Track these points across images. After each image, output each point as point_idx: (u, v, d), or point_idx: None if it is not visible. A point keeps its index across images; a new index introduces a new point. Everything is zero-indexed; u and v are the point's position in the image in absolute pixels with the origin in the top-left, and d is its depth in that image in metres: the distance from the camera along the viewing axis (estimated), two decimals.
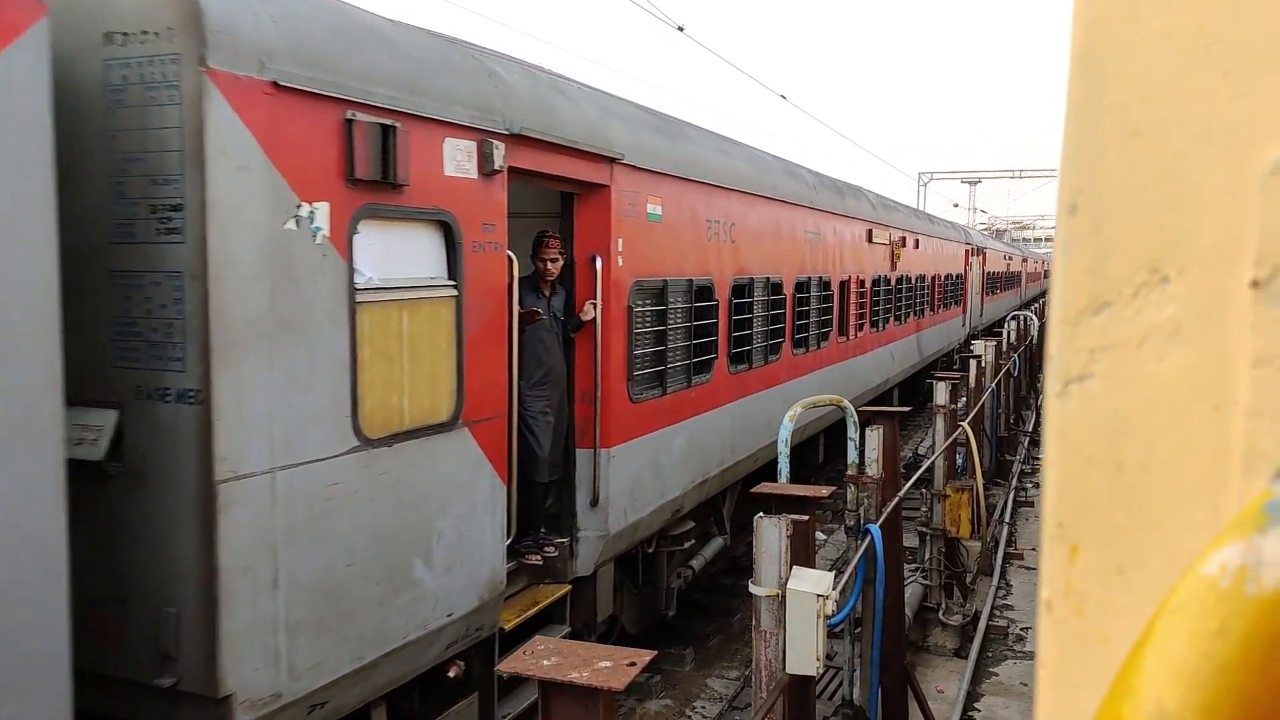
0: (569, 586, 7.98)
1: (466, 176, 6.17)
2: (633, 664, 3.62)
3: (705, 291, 10.18)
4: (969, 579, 12.07)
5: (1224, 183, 0.69)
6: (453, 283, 6.08)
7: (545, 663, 3.60)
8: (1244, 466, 0.66)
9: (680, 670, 10.52)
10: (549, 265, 7.70)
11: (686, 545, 10.38)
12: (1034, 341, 26.24)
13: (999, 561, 13.62)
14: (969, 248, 32.78)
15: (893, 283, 19.99)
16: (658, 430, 9.08)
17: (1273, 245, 0.64)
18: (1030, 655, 10.86)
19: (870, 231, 17.72)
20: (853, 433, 8.55)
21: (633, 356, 8.51)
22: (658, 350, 9.12)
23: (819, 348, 14.75)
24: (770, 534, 5.52)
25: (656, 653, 4.06)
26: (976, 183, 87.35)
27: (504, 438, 6.75)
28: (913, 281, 22.40)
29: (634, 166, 8.43)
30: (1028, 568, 13.86)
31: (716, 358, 10.47)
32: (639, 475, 8.72)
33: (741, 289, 11.27)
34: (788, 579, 5.50)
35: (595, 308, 7.98)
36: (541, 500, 7.82)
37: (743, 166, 11.66)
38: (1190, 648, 0.52)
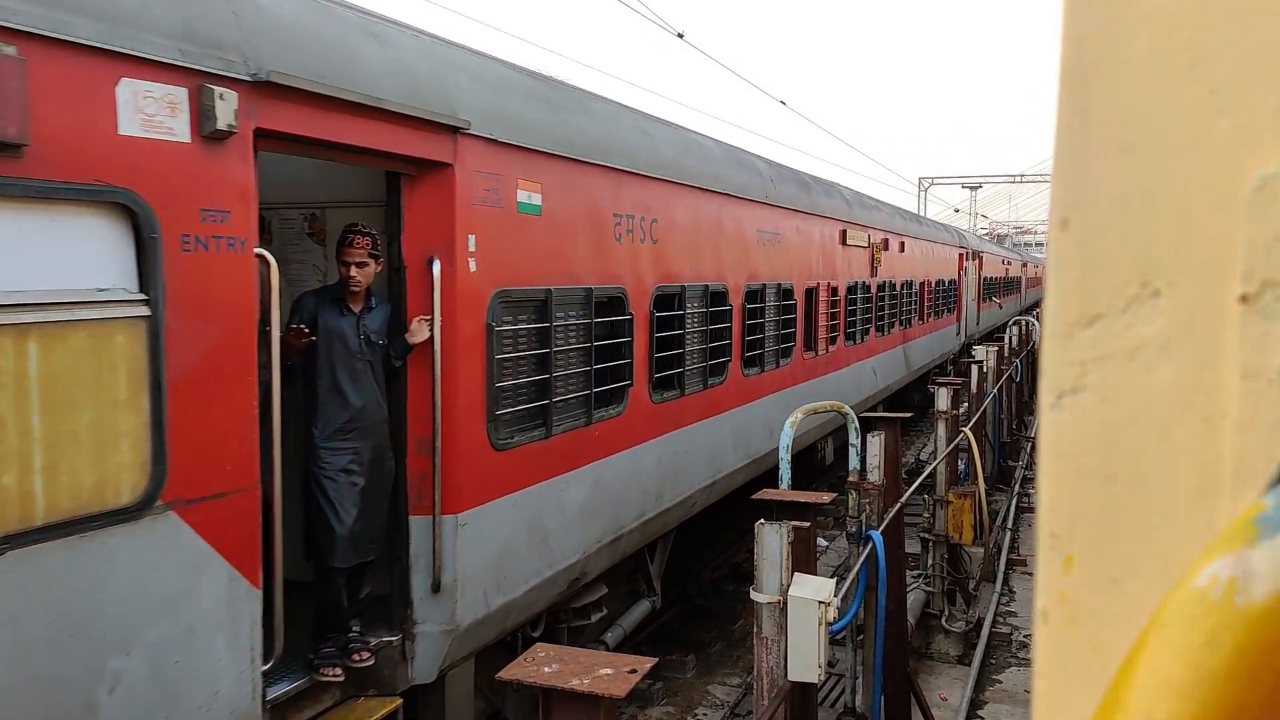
0: (399, 701, 5.93)
1: (166, 139, 4.25)
2: (634, 671, 3.63)
3: (614, 304, 8.28)
4: (972, 585, 12.07)
5: (1212, 198, 0.69)
6: (143, 297, 4.17)
7: (546, 669, 3.60)
8: (1234, 479, 0.67)
9: (681, 677, 10.51)
10: (354, 271, 5.80)
11: (596, 618, 8.47)
12: (1036, 346, 26.25)
13: (1002, 568, 13.62)
14: (963, 251, 31.09)
15: (873, 290, 18.27)
16: (540, 483, 7.14)
17: (1259, 261, 0.65)
18: None
19: (844, 232, 16.08)
20: (854, 438, 8.56)
21: (495, 390, 6.53)
22: (537, 380, 7.16)
23: (778, 366, 12.84)
24: (771, 540, 5.52)
25: (658, 659, 4.06)
26: (977, 188, 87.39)
27: (253, 519, 4.80)
28: (898, 288, 20.59)
29: (494, 140, 6.48)
30: (1030, 574, 13.83)
31: (633, 384, 8.51)
32: (509, 544, 6.79)
33: (669, 300, 9.38)
34: (789, 585, 5.51)
35: (429, 326, 6.02)
36: (349, 591, 5.90)
37: (669, 150, 9.65)
38: (1180, 660, 0.53)
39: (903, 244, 20.93)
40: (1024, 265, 58.95)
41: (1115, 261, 0.73)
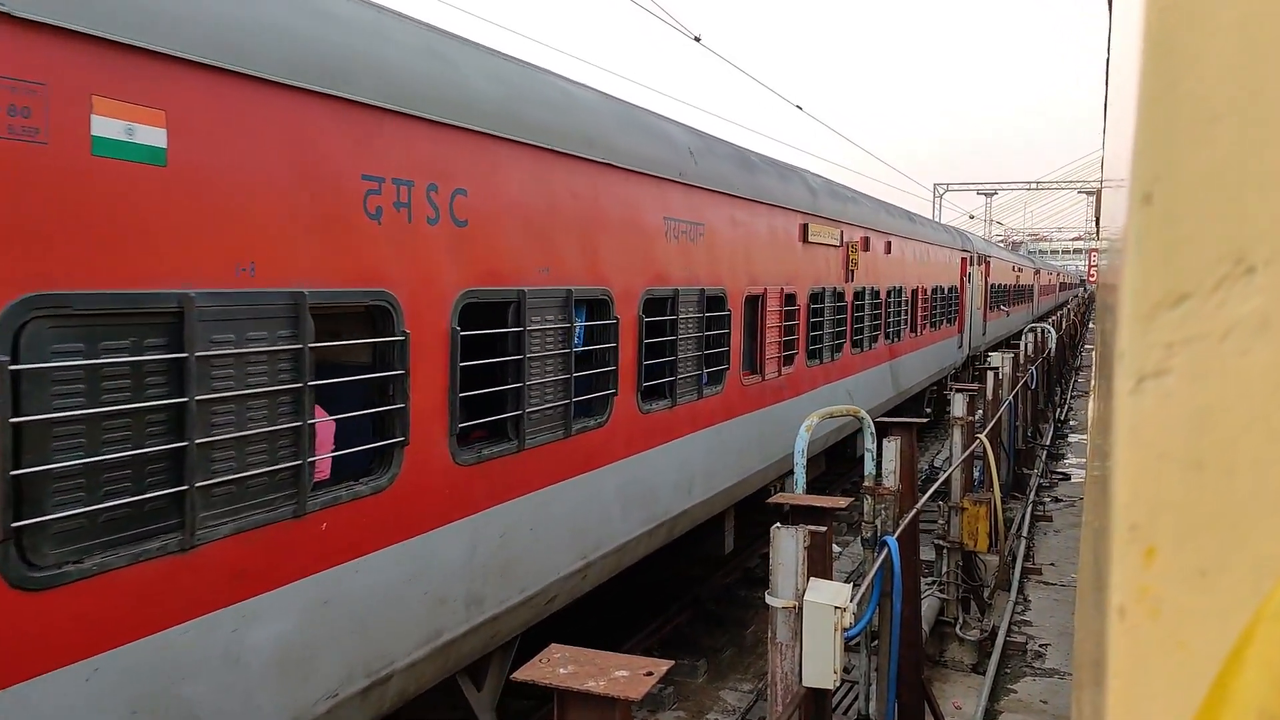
0: None
1: None
2: (650, 674, 3.59)
3: (366, 318, 5.76)
4: (986, 594, 11.99)
5: None
6: None
7: (561, 671, 3.57)
8: None
9: (693, 682, 10.47)
10: None
11: None
12: (1051, 354, 26.12)
13: (1016, 576, 13.53)
14: (967, 255, 28.34)
15: (848, 298, 15.64)
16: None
17: None
18: (1050, 673, 10.78)
19: (806, 227, 13.33)
20: (869, 444, 8.50)
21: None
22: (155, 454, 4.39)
23: (702, 397, 10.06)
24: (787, 545, 5.47)
25: (674, 663, 4.03)
26: (993, 194, 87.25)
27: None
28: (882, 296, 17.98)
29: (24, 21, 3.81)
30: (1046, 583, 13.75)
31: (406, 441, 5.85)
32: None
33: (485, 311, 6.68)
34: (805, 590, 5.46)
35: None
36: None
37: (491, 89, 6.71)
38: None
39: (889, 244, 18.42)
40: (1036, 273, 57.31)
41: (1205, 238, 0.69)
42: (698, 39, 19.81)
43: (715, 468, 10.52)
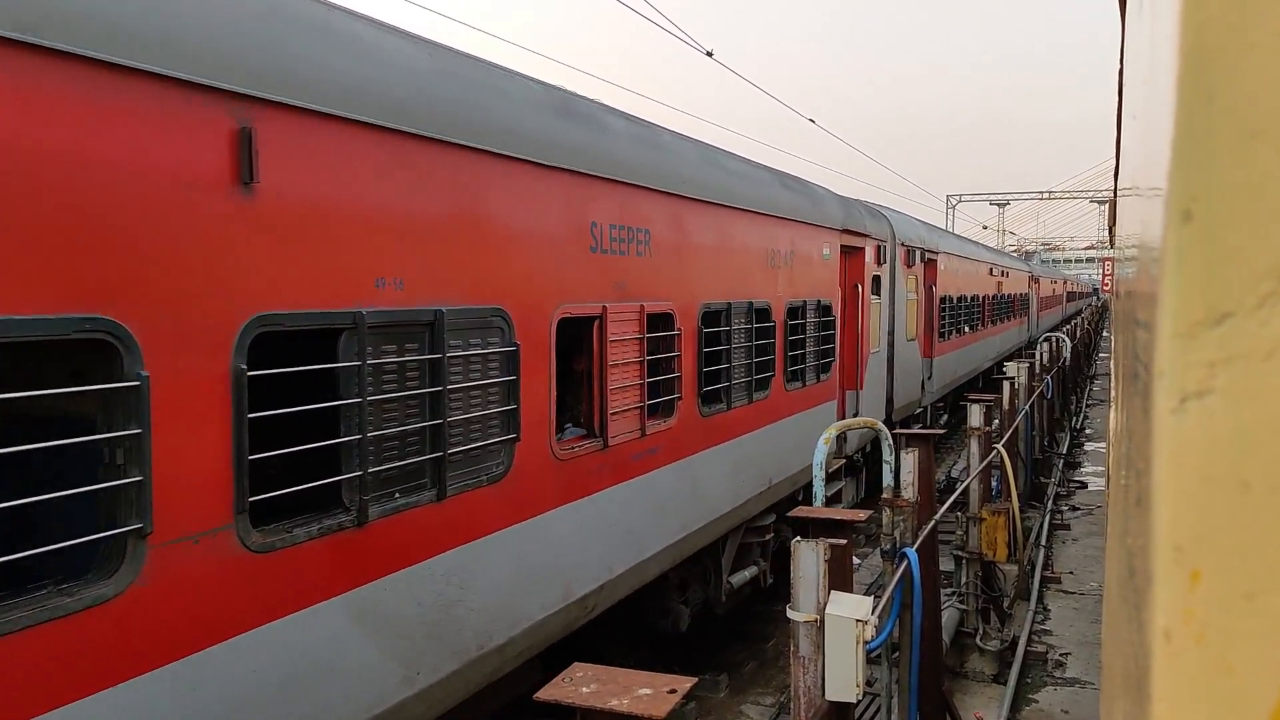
0: None
1: None
2: (673, 691, 3.58)
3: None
4: (1006, 604, 11.92)
5: None
6: None
7: (585, 689, 3.56)
8: None
9: (715, 697, 10.43)
10: None
11: None
12: (1066, 363, 26.02)
13: (1036, 585, 13.46)
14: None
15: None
16: None
17: None
18: (1071, 682, 10.70)
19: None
20: (888, 456, 8.48)
21: None
22: None
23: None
24: (808, 558, 5.45)
25: (697, 679, 4.01)
26: (1005, 205, 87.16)
27: None
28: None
29: None
30: (1065, 591, 13.67)
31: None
32: None
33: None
34: (826, 604, 5.43)
35: None
36: None
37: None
38: None
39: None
40: (1034, 280, 46.36)
41: (1247, 255, 0.69)
42: (710, 54, 19.85)
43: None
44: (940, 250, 22.08)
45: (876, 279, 16.42)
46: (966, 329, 25.97)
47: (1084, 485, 20.50)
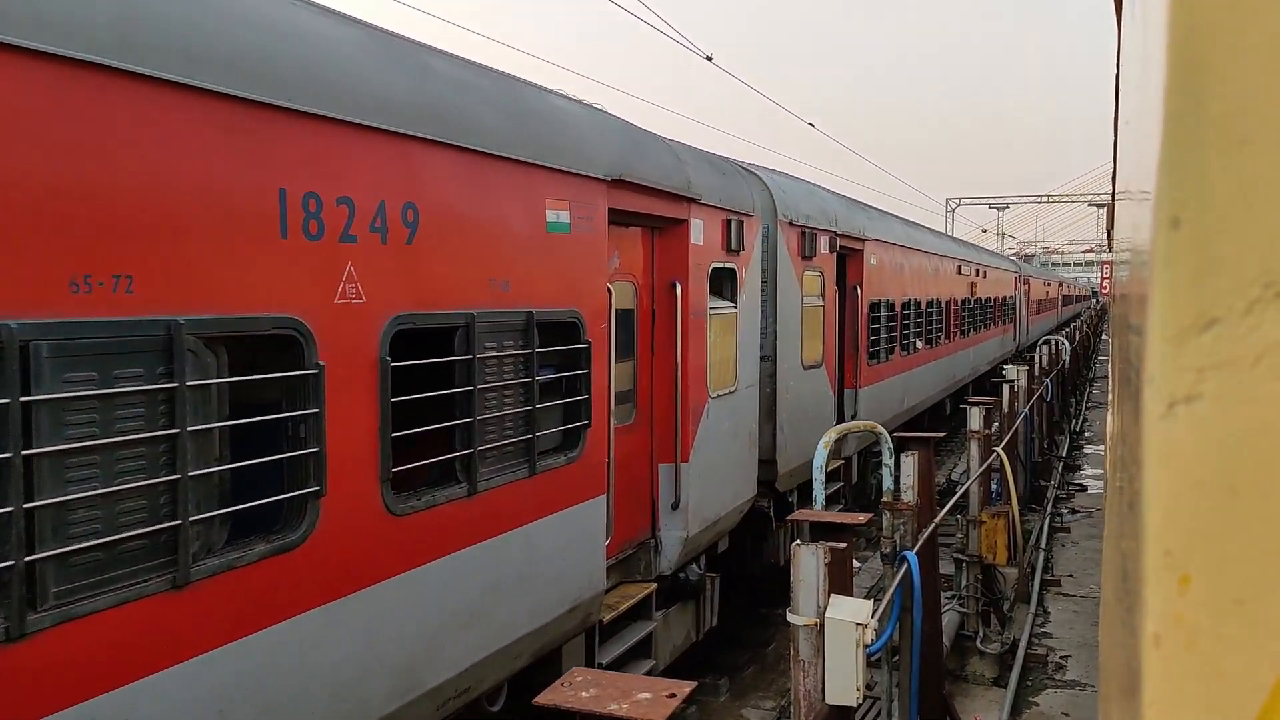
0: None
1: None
2: (673, 695, 3.58)
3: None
4: (1006, 606, 11.91)
5: None
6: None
7: (584, 694, 3.56)
8: None
9: (715, 700, 10.42)
10: None
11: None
12: (1065, 366, 26.00)
13: (1036, 588, 13.45)
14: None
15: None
16: None
17: None
18: (1071, 684, 10.70)
19: None
20: (888, 459, 8.48)
21: None
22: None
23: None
24: (808, 562, 5.45)
25: (697, 684, 4.01)
26: (1004, 208, 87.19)
27: None
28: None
29: None
30: (1065, 594, 13.67)
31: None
32: None
33: None
34: (826, 608, 5.43)
35: None
36: None
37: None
38: None
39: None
40: (1023, 281, 39.88)
41: (1234, 261, 0.69)
42: (709, 58, 19.87)
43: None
44: (869, 237, 16.00)
45: (720, 274, 10.25)
46: (920, 344, 20.08)
47: (1084, 488, 20.48)
